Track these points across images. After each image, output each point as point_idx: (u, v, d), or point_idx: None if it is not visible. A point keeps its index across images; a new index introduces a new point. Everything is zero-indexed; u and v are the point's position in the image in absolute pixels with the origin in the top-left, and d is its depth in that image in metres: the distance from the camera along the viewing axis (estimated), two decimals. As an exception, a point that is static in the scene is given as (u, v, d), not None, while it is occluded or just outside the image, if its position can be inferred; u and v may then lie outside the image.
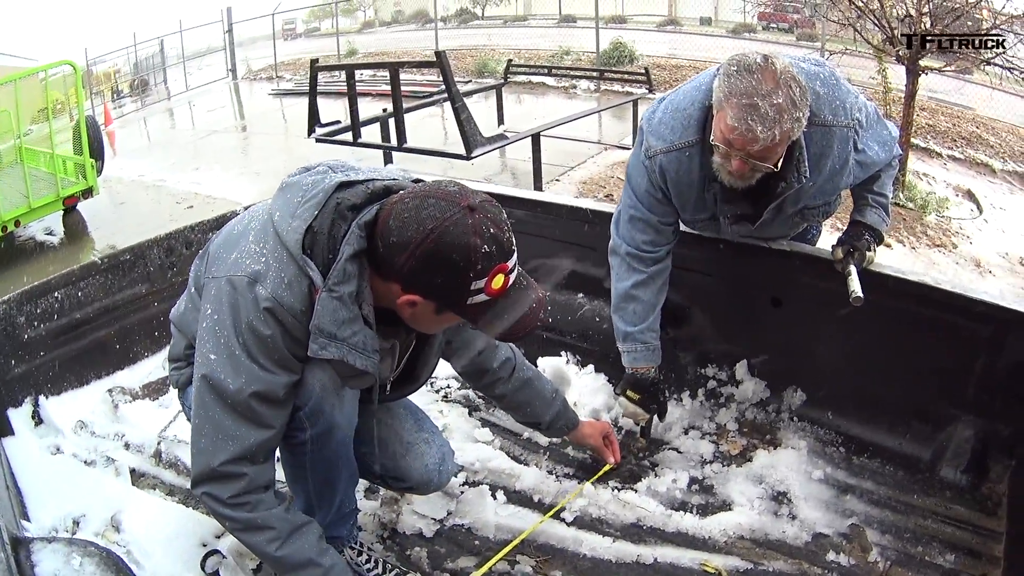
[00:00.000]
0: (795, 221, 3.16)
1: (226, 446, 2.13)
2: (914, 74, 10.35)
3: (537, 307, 2.13)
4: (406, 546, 2.95)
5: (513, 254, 2.02)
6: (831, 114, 2.80)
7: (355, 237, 2.02)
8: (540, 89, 18.00)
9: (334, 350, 2.03)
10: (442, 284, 1.97)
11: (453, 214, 1.93)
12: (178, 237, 4.28)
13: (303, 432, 2.30)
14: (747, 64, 2.55)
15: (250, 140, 15.98)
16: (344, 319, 2.03)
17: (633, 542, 2.95)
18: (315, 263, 2.04)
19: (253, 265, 2.07)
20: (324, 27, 34.40)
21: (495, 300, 2.02)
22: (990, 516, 2.99)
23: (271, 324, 2.05)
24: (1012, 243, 10.36)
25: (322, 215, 2.05)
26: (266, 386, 2.10)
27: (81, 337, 3.90)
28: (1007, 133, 15.83)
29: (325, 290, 2.01)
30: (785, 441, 3.40)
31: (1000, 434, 3.08)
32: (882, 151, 3.00)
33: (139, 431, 3.57)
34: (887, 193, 3.17)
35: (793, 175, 2.78)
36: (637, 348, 3.24)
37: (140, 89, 26.70)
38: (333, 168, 2.21)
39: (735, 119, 2.54)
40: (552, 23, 30.39)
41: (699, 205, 3.05)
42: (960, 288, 3.07)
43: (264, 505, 2.23)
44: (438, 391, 3.85)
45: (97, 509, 2.96)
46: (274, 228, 2.08)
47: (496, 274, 1.97)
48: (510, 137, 9.18)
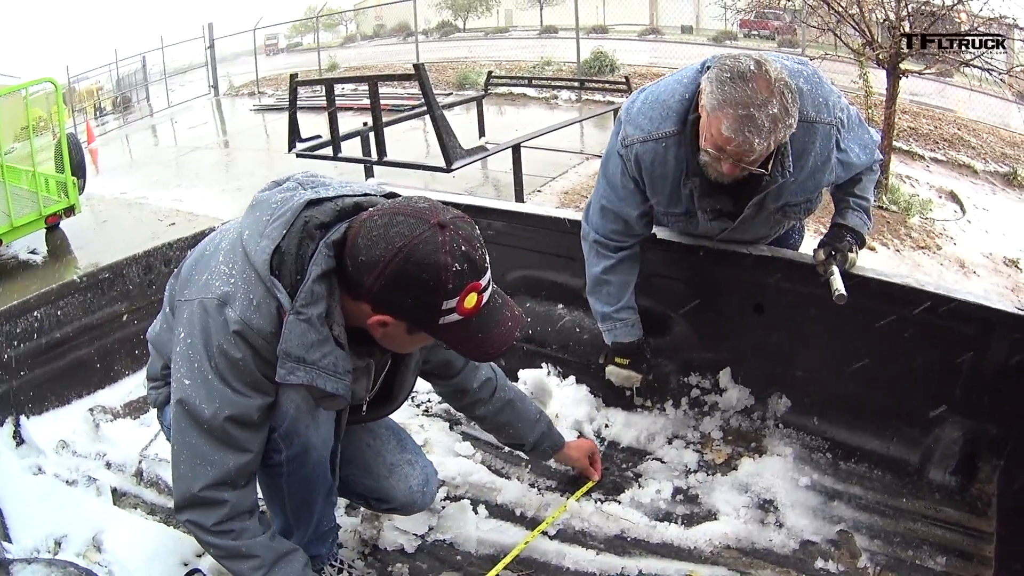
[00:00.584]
0: (776, 219, 3.13)
1: (205, 471, 2.11)
2: (895, 77, 10.39)
3: (513, 325, 2.08)
4: (388, 562, 2.92)
5: (486, 272, 1.97)
6: (814, 111, 2.80)
7: (323, 257, 1.98)
8: (521, 100, 18.09)
9: (302, 374, 1.99)
10: (412, 304, 1.93)
11: (423, 232, 1.88)
12: (156, 255, 4.25)
13: (279, 453, 2.27)
14: (740, 71, 2.53)
15: (232, 156, 15.98)
16: (313, 342, 1.98)
17: (617, 554, 2.92)
18: (283, 284, 2.00)
19: (223, 287, 2.03)
20: (306, 42, 34.49)
21: (468, 319, 1.98)
22: (980, 517, 2.98)
23: (241, 347, 2.01)
24: (995, 243, 10.41)
25: (290, 234, 2.01)
26: (240, 410, 2.08)
27: (61, 356, 3.87)
28: (988, 134, 15.95)
29: (293, 312, 1.96)
30: (771, 448, 3.38)
31: (988, 434, 3.07)
32: (863, 154, 3.00)
33: (120, 450, 3.54)
34: (869, 197, 3.15)
35: (777, 169, 2.77)
36: (616, 326, 3.28)
37: (122, 106, 26.72)
38: (303, 184, 2.17)
39: (731, 130, 2.52)
40: (534, 34, 30.53)
41: (673, 199, 3.04)
42: (944, 289, 3.05)
43: (248, 533, 2.22)
44: (419, 405, 3.82)
45: (79, 529, 2.92)
46: (243, 248, 2.04)
47: (468, 293, 1.92)
48: (490, 149, 9.20)
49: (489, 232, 3.96)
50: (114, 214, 11.94)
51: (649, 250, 3.40)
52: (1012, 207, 12.51)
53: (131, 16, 41.09)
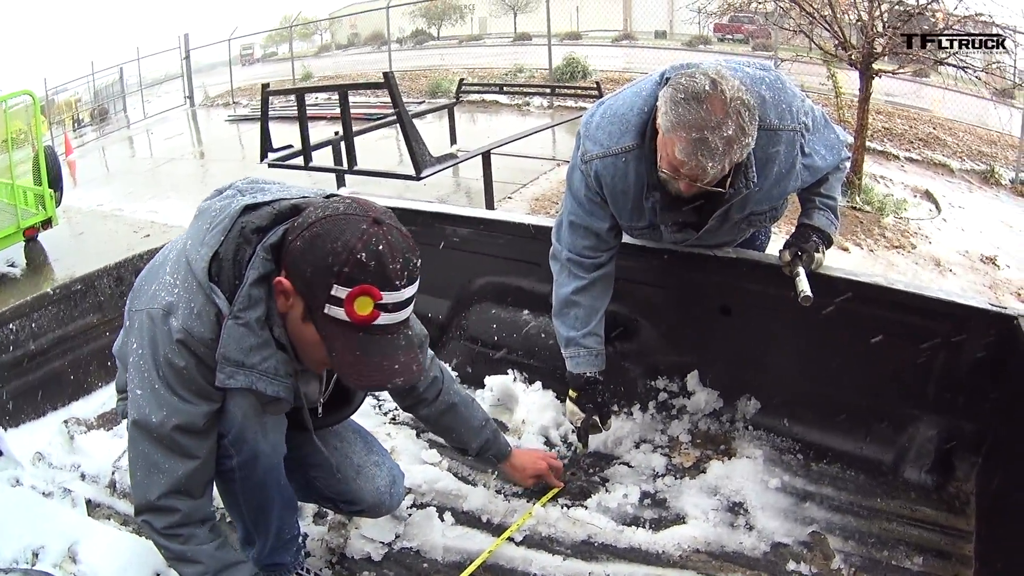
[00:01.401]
0: (741, 228, 3.11)
1: (158, 479, 2.14)
2: (868, 77, 10.42)
3: (400, 370, 2.04)
4: (355, 571, 2.90)
5: (394, 290, 1.94)
6: (777, 118, 2.77)
7: (260, 260, 1.99)
8: (494, 107, 18.14)
9: (242, 378, 2.01)
10: (309, 275, 1.93)
11: (355, 214, 1.92)
12: (127, 266, 4.23)
13: (230, 459, 2.26)
14: (695, 92, 2.48)
15: (207, 167, 15.98)
16: (252, 345, 2.00)
17: (585, 559, 2.90)
18: (222, 289, 2.01)
19: (167, 297, 2.05)
20: (281, 51, 34.43)
21: (354, 328, 1.95)
22: (958, 515, 2.97)
23: (184, 356, 2.03)
24: (972, 241, 10.43)
25: (227, 240, 2.03)
26: (187, 417, 2.09)
27: (36, 369, 3.86)
28: (965, 133, 16.08)
29: (231, 317, 1.98)
30: (740, 451, 3.36)
31: (965, 431, 3.07)
32: (829, 155, 2.98)
33: (94, 461, 3.53)
34: (835, 196, 3.14)
35: (740, 182, 2.74)
36: (580, 353, 3.19)
37: (100, 118, 26.67)
38: (242, 190, 2.18)
39: (684, 153, 2.49)
40: (507, 42, 30.61)
41: (636, 213, 2.99)
42: (914, 287, 3.06)
43: (196, 540, 2.23)
44: (386, 413, 3.80)
45: (55, 540, 2.91)
46: (186, 257, 2.06)
47: (362, 295, 1.90)
48: (460, 156, 9.20)
49: (455, 239, 3.96)
50: (90, 226, 11.92)
51: (615, 254, 3.38)
52: (989, 205, 12.59)
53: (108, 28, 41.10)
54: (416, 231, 3.93)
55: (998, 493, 2.84)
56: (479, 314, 4.03)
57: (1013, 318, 2.83)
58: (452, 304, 4.13)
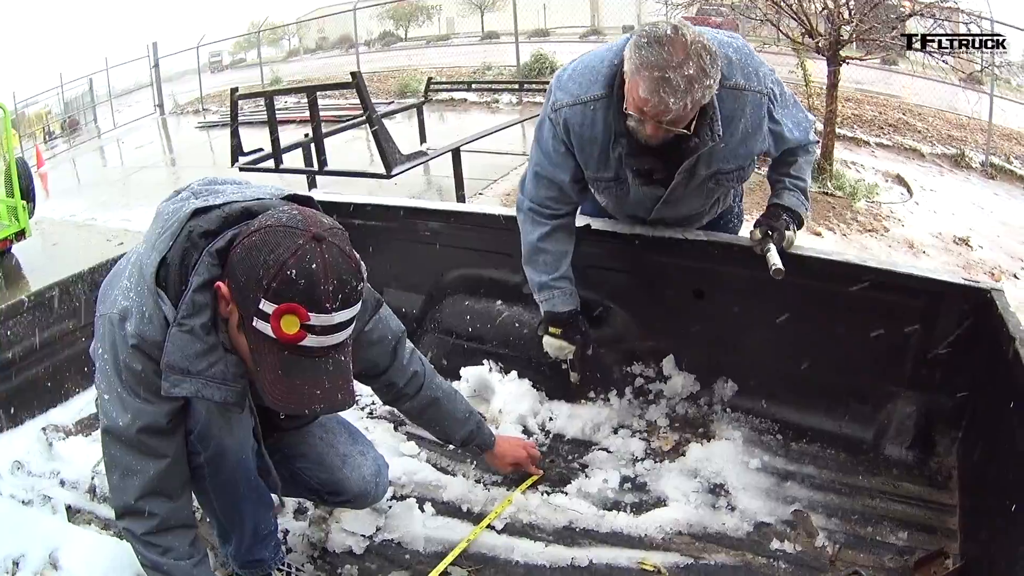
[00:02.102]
0: (709, 188, 3.11)
1: (132, 481, 2.14)
2: (835, 64, 10.46)
3: (322, 396, 1.97)
4: (337, 564, 2.89)
5: (323, 312, 1.85)
6: (744, 79, 2.84)
7: (205, 266, 1.95)
8: (463, 106, 18.20)
9: (188, 386, 1.97)
10: (242, 283, 1.87)
11: (295, 229, 1.85)
12: (102, 271, 4.14)
13: (198, 456, 2.26)
14: (657, 36, 2.55)
15: (179, 174, 15.89)
16: (197, 352, 1.96)
17: (567, 545, 2.90)
18: (168, 295, 1.98)
19: (123, 301, 2.04)
20: (250, 57, 34.12)
21: (279, 345, 1.89)
22: (941, 490, 2.99)
23: (140, 359, 2.02)
24: (944, 223, 10.50)
25: (176, 245, 1.99)
26: (151, 418, 2.08)
27: (13, 377, 3.82)
28: (934, 118, 16.17)
29: (175, 324, 1.95)
30: (719, 433, 3.38)
31: (944, 407, 3.09)
32: (796, 130, 3.02)
33: (74, 467, 3.51)
34: (805, 178, 3.17)
35: (707, 134, 2.79)
36: (555, 294, 3.25)
37: (71, 129, 26.53)
38: (196, 193, 2.14)
39: (647, 91, 2.55)
40: (475, 41, 30.56)
41: (602, 162, 3.03)
42: (887, 264, 3.08)
43: (173, 553, 2.24)
44: (363, 408, 3.79)
45: (35, 548, 2.89)
46: (140, 262, 2.05)
47: (288, 314, 1.83)
48: (430, 154, 9.21)
49: (426, 233, 3.96)
50: (64, 236, 11.85)
51: (585, 242, 3.40)
52: (960, 187, 12.67)
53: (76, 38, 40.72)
54: (388, 226, 3.95)
55: (979, 466, 2.85)
56: (453, 306, 4.02)
57: (986, 291, 2.86)
58: (426, 298, 4.13)
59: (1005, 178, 13.33)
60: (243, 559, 2.62)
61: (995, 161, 13.70)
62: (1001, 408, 2.61)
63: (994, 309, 2.75)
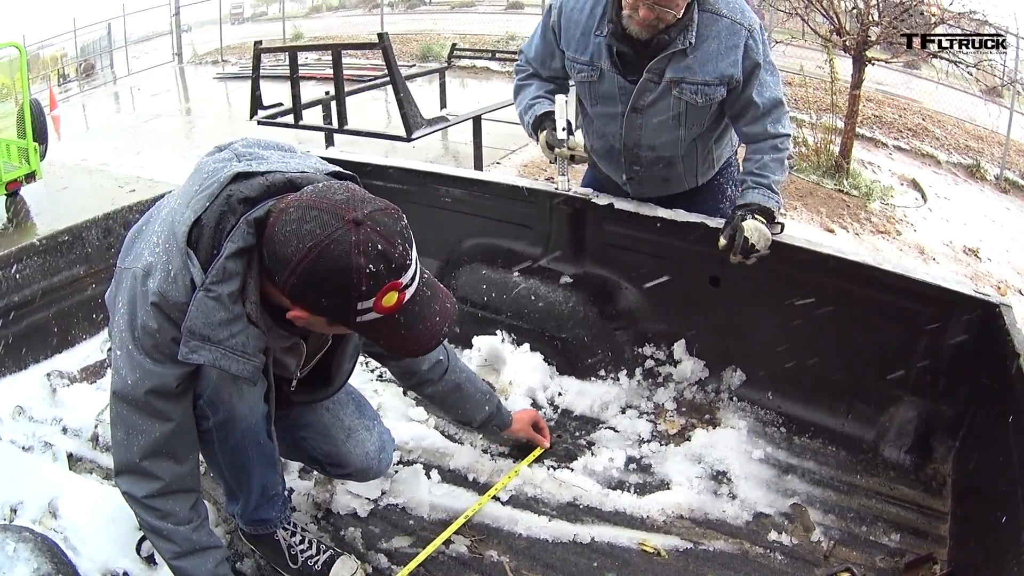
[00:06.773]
0: (674, 100, 3.21)
1: (137, 439, 2.11)
2: (861, 64, 10.43)
3: (441, 320, 1.99)
4: (340, 526, 2.91)
5: (407, 269, 1.85)
6: (725, 8, 3.09)
7: (241, 233, 1.91)
8: (484, 74, 18.07)
9: (206, 354, 1.93)
10: (327, 304, 1.85)
11: (335, 231, 1.78)
12: (116, 218, 4.17)
13: (207, 420, 2.24)
14: None
15: (194, 123, 15.82)
16: (221, 320, 1.92)
17: (570, 521, 2.92)
18: (199, 257, 1.93)
19: (149, 257, 1.99)
20: (272, 11, 33.95)
21: (390, 316, 1.88)
22: (935, 496, 3.01)
23: (157, 319, 1.96)
24: (956, 232, 10.46)
25: (212, 207, 1.94)
26: (159, 380, 2.04)
27: (19, 320, 3.80)
28: (953, 127, 16.07)
29: (202, 289, 1.90)
30: (724, 421, 3.40)
31: (944, 415, 3.10)
32: (765, 92, 3.16)
33: (77, 415, 3.50)
34: (768, 175, 3.17)
35: (680, 38, 3.07)
36: (540, 102, 3.52)
37: (86, 73, 26.35)
38: (239, 155, 2.09)
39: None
40: (499, 9, 30.31)
41: (582, 45, 3.30)
42: (903, 269, 3.07)
43: (173, 518, 2.22)
44: (373, 371, 3.79)
45: (34, 495, 2.88)
46: (171, 218, 1.99)
47: (386, 292, 1.83)
48: (451, 120, 9.19)
49: (446, 199, 3.96)
50: (74, 180, 11.72)
51: (606, 220, 3.45)
52: (974, 198, 12.61)
53: (95, -17, 40.14)
54: (408, 189, 3.93)
55: (973, 476, 2.88)
56: (469, 275, 4.01)
57: (996, 306, 2.87)
58: (441, 264, 4.11)
59: (1018, 193, 13.26)
60: (250, 518, 2.63)
61: (1010, 176, 13.63)
62: (1000, 421, 2.63)
63: (1001, 324, 2.76)
